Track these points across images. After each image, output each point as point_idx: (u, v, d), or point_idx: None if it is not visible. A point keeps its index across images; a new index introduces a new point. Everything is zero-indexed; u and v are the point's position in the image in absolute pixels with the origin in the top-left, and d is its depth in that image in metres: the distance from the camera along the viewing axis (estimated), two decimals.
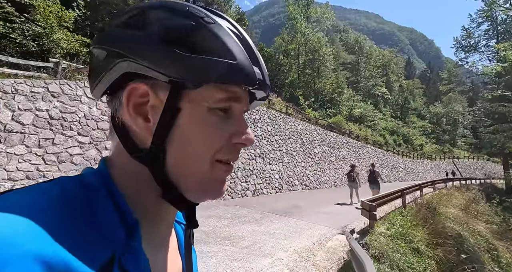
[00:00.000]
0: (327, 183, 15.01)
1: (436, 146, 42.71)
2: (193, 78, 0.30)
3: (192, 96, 0.31)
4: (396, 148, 31.21)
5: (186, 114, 0.31)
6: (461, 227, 7.72)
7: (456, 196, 11.86)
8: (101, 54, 0.32)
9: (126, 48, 0.30)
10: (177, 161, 0.32)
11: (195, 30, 0.30)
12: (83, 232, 0.24)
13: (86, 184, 0.29)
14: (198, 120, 0.31)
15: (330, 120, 23.44)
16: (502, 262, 7.27)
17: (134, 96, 0.31)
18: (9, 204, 0.23)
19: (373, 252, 4.13)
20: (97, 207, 0.27)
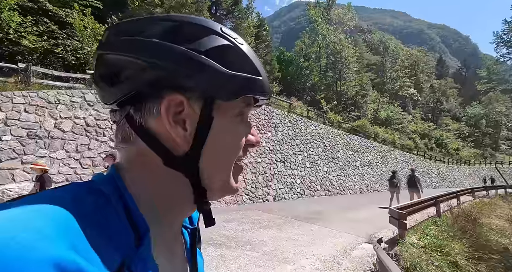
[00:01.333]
0: (352, 189, 14.40)
1: (475, 151, 39.13)
2: (231, 93, 0.34)
3: (222, 106, 0.34)
4: (428, 152, 29.13)
5: (218, 123, 0.34)
6: (508, 240, 6.93)
7: (500, 205, 10.71)
8: (130, 64, 0.32)
9: (172, 63, 0.31)
10: (209, 166, 0.34)
11: (232, 50, 0.34)
12: (95, 238, 0.24)
13: (97, 191, 0.29)
14: (228, 128, 0.35)
15: (354, 124, 22.61)
16: None
17: (172, 106, 0.33)
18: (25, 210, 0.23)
19: (404, 264, 3.85)
20: (109, 214, 0.28)
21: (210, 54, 0.32)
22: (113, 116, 0.37)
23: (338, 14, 33.92)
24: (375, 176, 16.91)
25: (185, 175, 0.34)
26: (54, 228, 0.22)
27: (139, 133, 0.33)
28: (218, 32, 0.34)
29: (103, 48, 0.33)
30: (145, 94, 0.33)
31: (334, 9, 34.84)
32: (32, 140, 5.39)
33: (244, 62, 0.35)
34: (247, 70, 0.34)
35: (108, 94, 0.34)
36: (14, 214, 0.22)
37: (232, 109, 0.35)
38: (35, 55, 9.04)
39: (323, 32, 31.39)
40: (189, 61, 0.31)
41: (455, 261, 4.76)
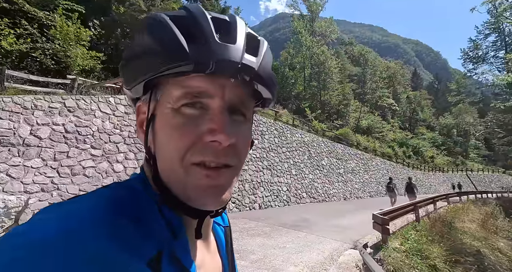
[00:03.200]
0: (336, 196, 14.69)
1: (448, 158, 41.53)
2: (154, 68, 0.30)
3: (160, 101, 0.33)
4: (406, 160, 30.51)
5: (158, 119, 0.33)
6: (480, 243, 7.34)
7: (472, 210, 11.37)
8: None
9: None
10: (162, 166, 0.32)
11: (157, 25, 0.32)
12: (131, 231, 0.27)
13: (133, 189, 0.32)
14: (164, 122, 0.32)
15: (337, 132, 23.30)
16: None
17: (139, 113, 0.37)
18: (74, 207, 0.27)
19: (388, 268, 3.98)
20: (145, 210, 0.30)
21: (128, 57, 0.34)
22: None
23: (321, 26, 35.45)
24: (358, 183, 17.39)
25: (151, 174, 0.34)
26: (95, 220, 0.25)
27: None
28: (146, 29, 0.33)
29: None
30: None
31: (317, 22, 36.40)
32: (5, 148, 5.06)
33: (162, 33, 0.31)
34: (165, 41, 0.30)
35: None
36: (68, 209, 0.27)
37: (167, 102, 0.32)
38: (10, 58, 8.59)
39: (307, 44, 32.58)
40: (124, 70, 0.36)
41: (434, 264, 4.98)
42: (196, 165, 0.31)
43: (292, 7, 36.68)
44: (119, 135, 6.93)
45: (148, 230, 0.28)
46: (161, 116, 0.32)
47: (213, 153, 0.31)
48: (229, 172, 0.33)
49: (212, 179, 0.31)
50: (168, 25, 0.30)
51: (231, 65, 0.30)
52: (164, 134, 0.32)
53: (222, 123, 0.30)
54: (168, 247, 0.29)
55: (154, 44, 0.30)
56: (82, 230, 0.24)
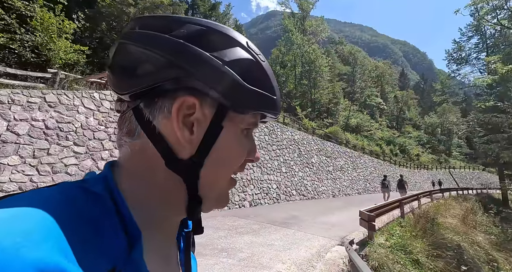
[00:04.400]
0: (325, 193, 14.91)
1: (432, 156, 43.01)
2: (246, 106, 0.34)
3: (233, 117, 0.34)
4: (393, 158, 31.33)
5: (226, 133, 0.34)
6: (460, 237, 7.64)
7: (453, 206, 11.83)
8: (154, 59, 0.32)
9: (195, 66, 0.31)
10: (209, 175, 0.34)
11: (254, 66, 0.35)
12: (85, 242, 0.24)
13: (90, 192, 0.28)
14: (234, 139, 0.35)
15: (327, 130, 23.59)
16: None
17: (184, 107, 0.32)
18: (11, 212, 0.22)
19: (372, 263, 4.06)
20: (101, 218, 0.26)
21: (233, 65, 0.33)
22: (119, 106, 0.37)
23: (312, 25, 35.63)
24: (347, 180, 17.71)
25: (184, 180, 0.33)
26: (41, 232, 0.21)
27: (146, 128, 0.33)
28: (244, 45, 0.35)
29: (127, 38, 0.33)
30: (161, 91, 0.32)
31: (308, 20, 36.54)
32: None
33: (263, 79, 0.35)
34: (265, 87, 0.35)
35: (124, 84, 0.33)
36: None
37: (242, 122, 0.35)
38: None
39: (298, 42, 32.68)
40: (211, 68, 0.31)
41: (417, 259, 5.14)
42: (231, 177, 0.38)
43: (283, 4, 36.61)
44: (104, 131, 6.71)
45: (103, 243, 0.25)
46: (231, 132, 0.35)
47: (243, 168, 0.39)
48: None
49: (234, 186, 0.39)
50: (270, 75, 0.37)
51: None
52: (231, 148, 0.35)
53: (256, 146, 0.40)
54: (123, 261, 0.26)
55: (268, 89, 0.35)
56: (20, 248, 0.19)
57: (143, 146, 0.33)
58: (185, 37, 0.32)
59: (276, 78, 2.67)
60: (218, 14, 26.26)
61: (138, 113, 0.33)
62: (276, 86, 0.37)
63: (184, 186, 0.33)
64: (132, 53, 0.32)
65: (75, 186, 0.28)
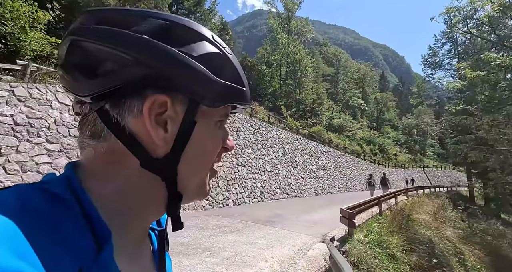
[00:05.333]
0: (308, 192, 15.21)
1: (408, 156, 45.25)
2: (217, 100, 0.34)
3: (205, 111, 0.34)
4: (373, 157, 32.58)
5: (200, 127, 0.34)
6: (431, 232, 8.13)
7: (426, 203, 12.55)
8: (116, 57, 0.30)
9: (162, 63, 0.30)
10: (187, 170, 0.34)
11: (222, 59, 0.35)
12: (45, 244, 0.22)
13: (50, 193, 0.27)
14: (209, 133, 0.36)
15: (311, 130, 24.03)
16: (467, 265, 7.72)
17: (156, 106, 0.31)
18: None
19: (352, 259, 4.20)
20: (64, 219, 0.25)
21: (201, 60, 0.32)
22: (79, 108, 0.34)
23: (297, 25, 36.05)
24: (329, 179, 18.18)
25: (162, 178, 0.32)
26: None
27: (115, 130, 0.31)
28: (210, 39, 0.34)
29: (82, 35, 0.30)
30: (128, 91, 0.31)
31: (294, 20, 36.92)
32: None
33: (232, 72, 0.35)
34: (234, 79, 0.35)
35: (84, 85, 0.31)
36: None
37: (214, 115, 0.36)
38: None
39: (283, 42, 32.94)
40: (181, 64, 0.31)
41: (393, 253, 5.40)
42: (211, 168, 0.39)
43: (269, 4, 36.70)
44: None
45: (67, 245, 0.24)
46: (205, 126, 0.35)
47: (220, 157, 0.40)
48: None
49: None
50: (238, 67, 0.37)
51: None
52: (207, 142, 0.36)
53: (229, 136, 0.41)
54: (90, 262, 0.25)
55: (237, 81, 0.36)
56: None
57: (111, 147, 0.31)
58: (149, 33, 0.30)
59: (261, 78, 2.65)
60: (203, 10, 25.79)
61: (104, 115, 0.31)
62: (244, 77, 0.37)
63: (162, 184, 0.33)
64: (90, 51, 0.30)
65: (33, 187, 0.27)
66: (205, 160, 0.36)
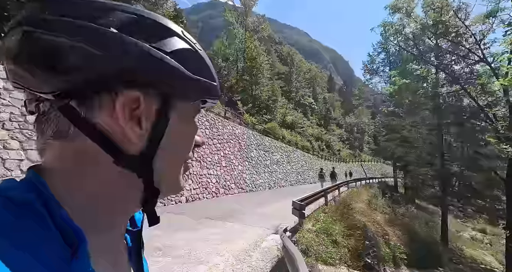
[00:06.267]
0: (262, 186, 15.73)
1: (349, 151, 50.75)
2: (191, 95, 0.35)
3: (178, 107, 0.34)
4: (320, 152, 35.49)
5: (174, 123, 0.34)
6: (366, 218, 9.37)
7: (362, 193, 14.36)
8: (81, 51, 0.27)
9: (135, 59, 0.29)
10: (162, 166, 0.34)
11: (193, 55, 0.34)
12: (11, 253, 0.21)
13: (13, 202, 0.25)
14: (182, 128, 0.35)
15: (266, 126, 24.74)
16: (391, 244, 9.19)
17: (128, 102, 0.30)
18: None
19: (301, 247, 4.57)
20: (32, 228, 0.24)
21: (174, 55, 0.31)
22: (34, 106, 0.31)
23: (254, 22, 36.33)
24: (281, 173, 19.12)
25: (138, 175, 0.32)
26: None
27: (84, 128, 0.29)
28: (180, 34, 0.34)
29: (36, 26, 0.27)
30: (97, 87, 0.29)
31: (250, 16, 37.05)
32: None
33: (203, 67, 0.35)
34: (205, 75, 0.35)
35: (44, 81, 0.28)
36: None
37: (187, 110, 0.36)
38: None
39: (240, 37, 32.81)
40: (154, 60, 0.30)
41: (336, 239, 6.06)
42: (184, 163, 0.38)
43: None
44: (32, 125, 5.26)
45: (36, 254, 0.22)
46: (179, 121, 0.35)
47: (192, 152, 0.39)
48: None
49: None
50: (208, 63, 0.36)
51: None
52: (181, 137, 0.36)
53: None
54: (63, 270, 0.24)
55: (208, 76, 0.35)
56: None
57: (79, 147, 0.30)
58: (117, 27, 0.28)
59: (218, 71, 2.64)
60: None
61: (70, 113, 0.29)
62: (215, 72, 0.37)
63: (138, 180, 0.32)
64: (52, 45, 0.27)
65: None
66: (180, 156, 0.37)
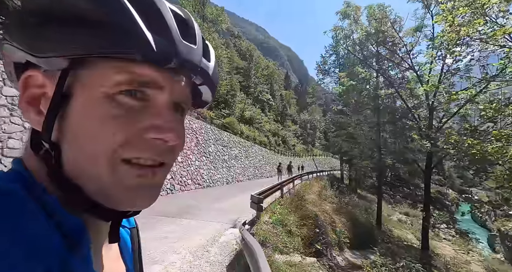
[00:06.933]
0: (220, 181, 15.63)
1: (303, 146, 54.02)
2: (61, 52, 0.25)
3: (85, 80, 0.26)
4: (277, 147, 36.88)
5: (78, 102, 0.26)
6: (316, 208, 10.17)
7: (314, 185, 15.50)
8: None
9: (5, 31, 0.26)
10: (74, 160, 0.27)
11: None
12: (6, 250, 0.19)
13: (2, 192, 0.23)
14: (91, 108, 0.26)
15: (224, 120, 24.49)
16: (337, 230, 10.21)
17: (31, 86, 0.27)
18: None
19: (259, 239, 4.74)
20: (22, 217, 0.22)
21: (28, 2, 0.26)
22: None
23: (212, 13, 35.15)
24: (239, 168, 19.27)
25: (47, 171, 0.27)
26: None
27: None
28: None
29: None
30: (16, 70, 0.28)
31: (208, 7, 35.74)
32: None
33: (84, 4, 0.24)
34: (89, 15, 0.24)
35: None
36: None
37: (99, 85, 0.26)
38: None
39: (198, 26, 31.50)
40: (16, 25, 0.26)
41: (290, 229, 6.45)
42: (126, 162, 0.27)
43: None
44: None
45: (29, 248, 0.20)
46: (86, 100, 0.26)
47: (154, 151, 0.28)
48: (164, 170, 0.31)
49: (144, 179, 0.28)
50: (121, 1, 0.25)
51: (192, 68, 0.29)
52: (90, 123, 0.26)
53: (170, 120, 0.28)
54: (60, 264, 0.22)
55: (103, 16, 0.24)
56: None
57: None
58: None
59: None
60: None
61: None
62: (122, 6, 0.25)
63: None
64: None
65: None
66: (89, 148, 0.26)
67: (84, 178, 0.26)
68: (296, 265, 4.33)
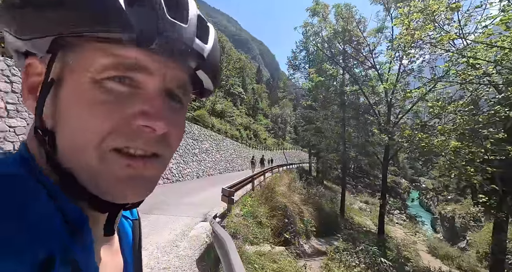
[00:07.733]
0: (190, 175, 15.30)
1: (274, 140, 55.15)
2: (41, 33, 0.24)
3: (73, 65, 0.25)
4: (248, 141, 37.08)
5: (66, 87, 0.26)
6: (286, 200, 10.57)
7: (284, 177, 16.02)
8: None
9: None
10: (66, 146, 0.26)
11: None
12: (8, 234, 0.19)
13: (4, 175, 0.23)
14: (79, 94, 0.25)
15: (194, 113, 23.80)
16: (304, 220, 10.77)
17: (31, 74, 0.28)
18: None
19: (230, 231, 4.80)
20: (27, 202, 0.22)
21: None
22: None
23: None
24: (210, 162, 19.02)
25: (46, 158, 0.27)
26: None
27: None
28: None
29: None
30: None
31: None
32: None
33: None
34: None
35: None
36: None
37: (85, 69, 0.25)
38: None
39: None
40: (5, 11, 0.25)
41: (261, 221, 6.62)
42: (116, 152, 0.26)
43: None
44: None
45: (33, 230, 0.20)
46: (74, 85, 0.25)
47: (142, 140, 0.26)
48: (157, 163, 0.29)
49: (135, 170, 0.27)
50: None
51: (180, 48, 0.26)
52: (78, 109, 0.25)
53: (159, 107, 0.27)
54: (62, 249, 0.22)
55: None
56: None
57: None
58: None
59: None
60: None
61: None
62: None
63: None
64: None
65: None
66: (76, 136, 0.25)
67: (76, 165, 0.26)
68: (265, 254, 4.50)
